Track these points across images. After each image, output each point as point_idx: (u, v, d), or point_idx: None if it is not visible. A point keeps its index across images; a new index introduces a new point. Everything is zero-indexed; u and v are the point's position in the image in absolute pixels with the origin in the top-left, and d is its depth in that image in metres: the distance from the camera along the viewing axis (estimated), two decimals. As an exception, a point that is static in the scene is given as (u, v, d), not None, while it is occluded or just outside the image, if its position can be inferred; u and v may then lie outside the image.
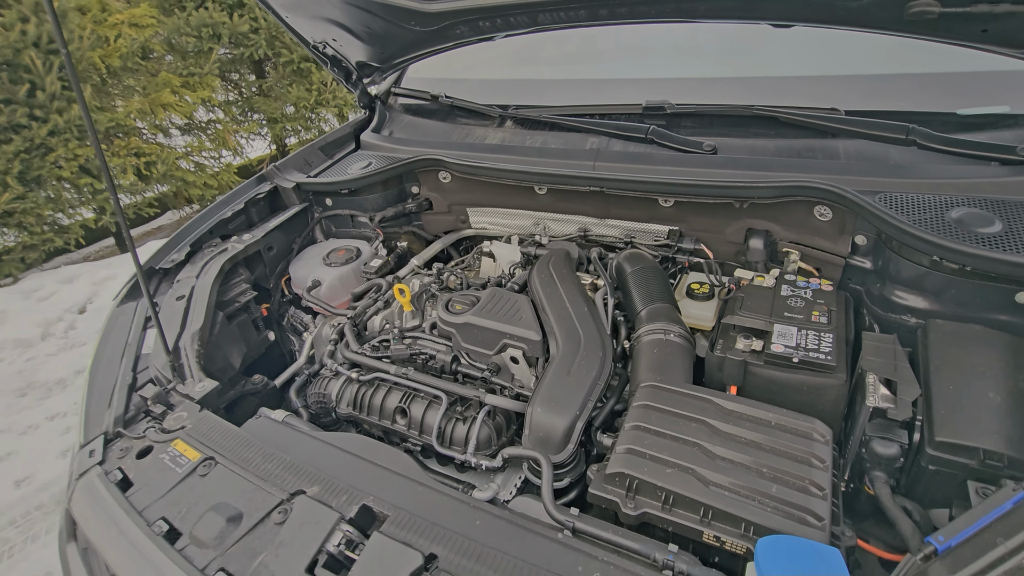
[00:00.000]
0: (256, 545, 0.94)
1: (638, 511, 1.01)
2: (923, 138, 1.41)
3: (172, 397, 1.32)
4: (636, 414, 1.13)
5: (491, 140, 1.97)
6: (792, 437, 1.04)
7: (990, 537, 0.73)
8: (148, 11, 6.55)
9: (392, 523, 0.93)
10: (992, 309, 1.17)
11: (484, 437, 1.27)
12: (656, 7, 1.44)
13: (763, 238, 1.56)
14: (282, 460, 1.08)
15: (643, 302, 1.48)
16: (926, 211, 1.27)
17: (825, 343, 1.22)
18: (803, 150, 1.54)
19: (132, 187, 6.40)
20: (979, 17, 1.15)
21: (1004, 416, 1.00)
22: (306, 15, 1.88)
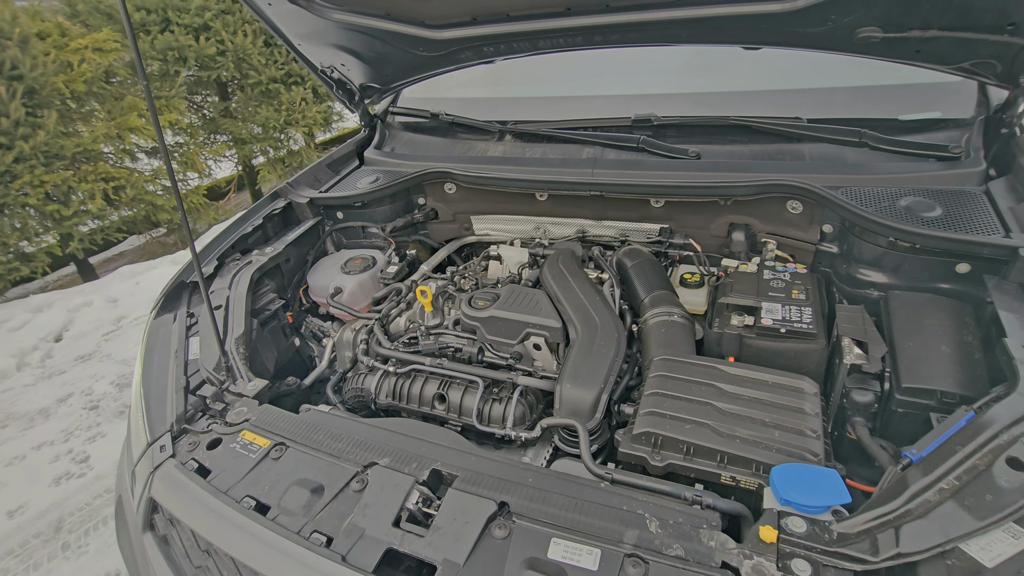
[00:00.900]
0: (342, 510, 1.06)
1: (664, 463, 1.18)
2: (873, 140, 1.66)
3: (226, 396, 1.43)
4: (653, 383, 1.31)
5: (493, 153, 2.14)
6: (787, 392, 1.24)
7: (950, 446, 0.94)
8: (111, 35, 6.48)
9: (462, 481, 1.08)
10: (938, 279, 1.41)
11: (520, 414, 1.43)
12: (644, 33, 1.66)
13: (744, 231, 1.78)
14: (350, 439, 1.21)
15: (645, 291, 1.67)
16: (880, 201, 1.51)
17: (806, 315, 1.43)
18: (774, 153, 1.77)
19: (100, 212, 6.28)
20: (913, 40, 1.41)
21: (954, 363, 1.22)
22: (318, 43, 2.03)
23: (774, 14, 1.44)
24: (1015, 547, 0.80)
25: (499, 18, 1.72)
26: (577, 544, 0.93)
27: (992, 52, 1.41)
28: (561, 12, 1.64)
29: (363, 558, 0.97)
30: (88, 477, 3.23)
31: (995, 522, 0.82)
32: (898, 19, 1.38)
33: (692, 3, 1.50)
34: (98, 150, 6.38)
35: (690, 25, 1.57)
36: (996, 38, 1.34)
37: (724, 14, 1.50)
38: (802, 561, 0.86)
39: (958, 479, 0.89)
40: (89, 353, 4.51)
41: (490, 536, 0.97)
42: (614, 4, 1.58)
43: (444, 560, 0.94)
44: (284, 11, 1.86)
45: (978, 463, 0.90)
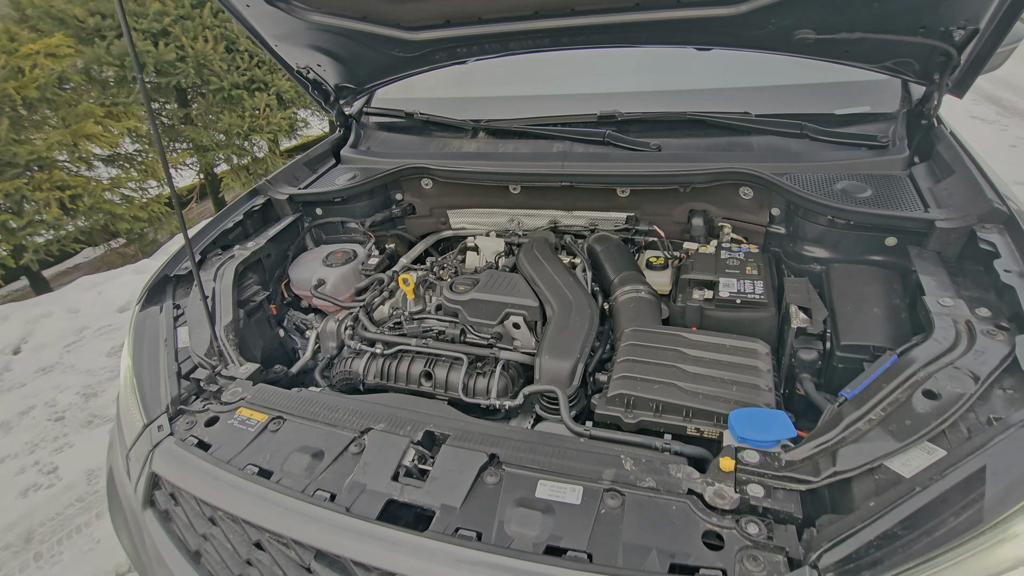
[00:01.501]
0: (343, 470, 1.14)
1: (636, 420, 1.31)
2: (813, 132, 1.84)
3: (219, 380, 1.48)
4: (625, 351, 1.44)
5: (467, 149, 2.25)
6: (742, 353, 1.38)
7: (878, 384, 1.09)
8: (64, 40, 6.32)
9: (454, 439, 1.17)
10: (871, 252, 1.59)
11: (503, 386, 1.53)
12: (606, 35, 1.80)
13: (703, 216, 1.94)
14: (345, 408, 1.29)
15: (615, 272, 1.80)
16: (820, 185, 1.69)
17: (758, 288, 1.59)
18: (726, 145, 1.94)
19: (57, 221, 6.09)
20: (842, 41, 1.59)
21: (884, 323, 1.39)
22: (295, 44, 2.10)
23: (722, 17, 1.60)
24: (928, 460, 0.95)
25: (471, 20, 1.83)
26: (561, 484, 1.04)
27: (910, 52, 1.61)
28: (530, 15, 1.77)
29: (366, 509, 1.05)
30: (57, 487, 3.16)
31: (913, 441, 0.97)
32: (828, 22, 1.56)
33: (649, 8, 1.64)
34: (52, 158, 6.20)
35: (648, 28, 1.72)
36: (911, 39, 1.53)
37: (678, 17, 1.65)
38: (756, 485, 0.99)
39: (883, 410, 1.04)
40: (51, 365, 4.38)
41: (483, 483, 1.07)
42: (578, 8, 1.71)
43: (442, 506, 1.04)
44: (262, 13, 1.93)
45: (899, 396, 1.05)
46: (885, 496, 0.91)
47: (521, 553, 0.93)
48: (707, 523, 0.95)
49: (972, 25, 1.45)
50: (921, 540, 0.84)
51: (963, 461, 0.91)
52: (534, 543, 0.95)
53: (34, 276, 6.58)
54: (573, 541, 0.95)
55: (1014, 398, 1.01)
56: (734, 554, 0.90)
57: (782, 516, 0.95)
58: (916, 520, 0.86)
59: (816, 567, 0.85)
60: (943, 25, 1.48)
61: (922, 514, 0.87)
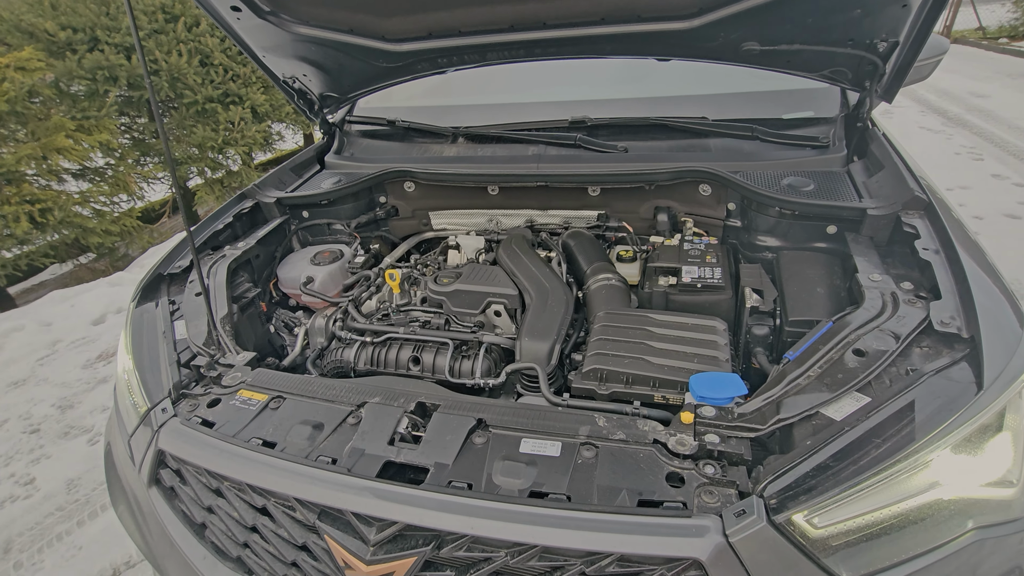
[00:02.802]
0: (342, 439, 1.24)
1: (609, 391, 1.44)
2: (763, 135, 2.03)
3: (218, 368, 1.56)
4: (598, 331, 1.58)
5: (448, 153, 2.38)
6: (702, 330, 1.53)
7: (816, 346, 1.25)
8: (35, 54, 6.27)
9: (444, 407, 1.28)
10: (815, 239, 1.77)
11: (486, 367, 1.65)
12: (575, 47, 1.96)
13: (667, 212, 2.10)
14: (343, 386, 1.39)
15: (587, 263, 1.95)
16: (770, 182, 1.87)
17: (716, 274, 1.75)
18: (687, 147, 2.12)
19: (26, 236, 6.00)
20: (783, 52, 1.79)
21: (826, 300, 1.56)
22: (283, 55, 2.21)
23: (677, 31, 1.78)
24: (856, 406, 1.10)
25: (452, 33, 1.98)
26: (543, 440, 1.16)
27: (843, 62, 1.81)
28: (505, 28, 1.93)
29: (366, 469, 1.15)
30: (35, 498, 3.14)
31: (844, 391, 1.13)
32: (771, 36, 1.75)
33: (613, 22, 1.82)
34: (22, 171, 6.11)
35: (612, 40, 1.89)
36: (842, 51, 1.73)
37: (638, 31, 1.83)
38: (712, 435, 1.13)
39: (820, 367, 1.19)
40: (23, 378, 4.32)
41: (472, 443, 1.19)
42: (550, 22, 1.87)
43: (435, 463, 1.15)
44: (252, 25, 2.04)
45: (834, 355, 1.21)
46: (819, 436, 1.06)
47: (508, 498, 1.05)
48: (670, 466, 1.08)
49: (893, 38, 1.66)
50: (848, 470, 0.99)
51: (885, 404, 1.07)
52: (519, 490, 1.07)
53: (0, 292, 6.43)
54: (554, 487, 1.07)
55: (928, 353, 1.18)
56: (693, 490, 1.04)
57: (735, 459, 1.09)
58: (844, 454, 1.02)
59: (762, 496, 0.99)
60: (868, 38, 1.68)
61: (850, 448, 1.02)
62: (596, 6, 1.75)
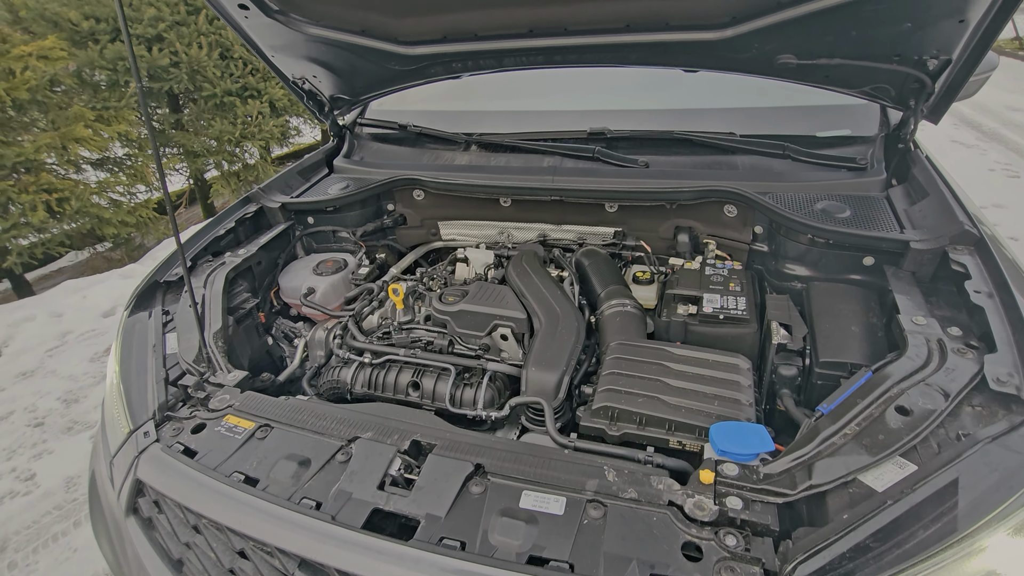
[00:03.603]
0: (329, 478, 1.15)
1: (620, 432, 1.33)
2: (795, 153, 1.90)
3: (206, 387, 1.48)
4: (610, 364, 1.47)
5: (460, 162, 2.28)
6: (724, 368, 1.42)
7: (853, 400, 1.12)
8: (57, 43, 6.30)
9: (440, 448, 1.18)
10: (849, 270, 1.64)
11: (489, 397, 1.55)
12: (598, 55, 1.85)
13: (688, 233, 1.98)
14: (334, 417, 1.29)
15: (602, 286, 1.84)
16: (801, 205, 1.74)
17: (741, 304, 1.63)
18: (712, 164, 1.99)
19: (42, 224, 6.03)
20: (822, 67, 1.65)
21: (861, 340, 1.43)
22: (292, 55, 2.12)
23: (707, 42, 1.66)
24: (900, 474, 0.98)
25: (468, 37, 1.87)
26: (545, 494, 1.06)
27: (886, 79, 1.68)
28: (524, 33, 1.82)
29: (351, 518, 1.06)
30: (35, 495, 3.11)
31: (885, 456, 1.00)
32: (809, 49, 1.62)
33: (639, 30, 1.70)
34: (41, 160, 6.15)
35: (637, 49, 1.77)
36: (887, 67, 1.59)
37: (666, 40, 1.70)
38: (735, 498, 1.01)
39: (858, 425, 1.07)
40: (31, 369, 4.32)
41: (468, 492, 1.09)
42: (571, 28, 1.76)
43: (427, 515, 1.05)
44: (260, 24, 1.95)
45: (873, 411, 1.08)
46: (858, 509, 0.94)
47: (504, 563, 0.95)
48: (687, 534, 0.97)
49: (945, 55, 1.52)
50: (892, 552, 0.87)
51: (933, 475, 0.95)
52: (517, 553, 0.97)
53: (16, 279, 6.48)
54: (556, 551, 0.97)
55: (982, 415, 1.05)
56: (712, 565, 0.92)
57: (759, 528, 0.98)
58: (888, 533, 0.89)
59: (791, 579, 0.88)
60: (917, 54, 1.54)
61: (893, 527, 0.90)
62: (621, 13, 1.63)
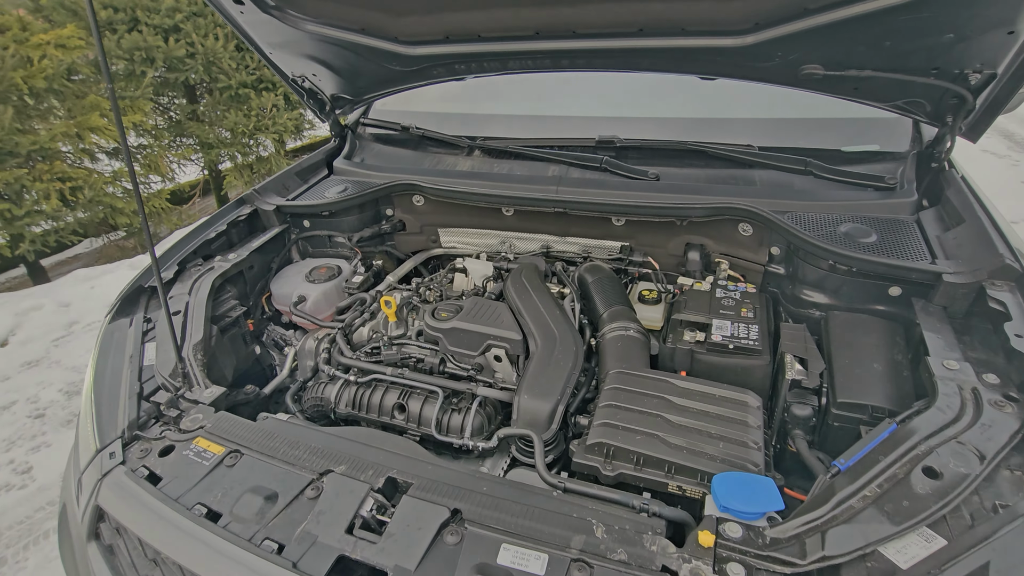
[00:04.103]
0: (296, 517, 1.07)
1: (615, 472, 1.23)
2: (818, 169, 1.77)
3: (181, 403, 1.41)
4: (608, 395, 1.36)
5: (462, 167, 2.19)
6: (732, 405, 1.30)
7: (874, 456, 1.01)
8: (75, 32, 6.31)
9: (417, 488, 1.09)
10: (873, 301, 1.51)
11: (478, 424, 1.45)
12: (608, 60, 1.74)
13: (699, 251, 1.86)
14: (306, 446, 1.21)
15: (604, 306, 1.73)
16: (822, 227, 1.61)
17: (753, 332, 1.51)
18: (727, 178, 1.87)
19: (55, 213, 6.06)
20: (851, 79, 1.52)
21: (884, 381, 1.31)
22: (291, 53, 2.04)
23: (727, 48, 1.54)
24: (927, 550, 0.86)
25: (471, 38, 1.77)
26: (526, 550, 0.96)
27: (922, 93, 1.54)
28: (530, 36, 1.71)
29: (314, 565, 0.97)
30: (30, 489, 3.09)
31: (911, 527, 0.89)
32: (837, 59, 1.49)
33: (652, 34, 1.58)
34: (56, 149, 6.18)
35: (650, 54, 1.66)
36: (924, 80, 1.46)
37: (681, 46, 1.59)
38: (737, 565, 0.91)
39: (879, 487, 0.96)
40: (37, 359, 4.32)
41: (442, 542, 0.99)
42: (580, 31, 1.65)
43: (395, 566, 0.96)
44: (256, 20, 1.87)
45: (898, 472, 0.97)
46: (877, 590, 0.83)
47: (475, 630, 0.86)
48: (680, 607, 0.87)
49: (989, 69, 1.38)
50: (915, 645, 0.76)
51: (965, 554, 0.83)
52: (490, 619, 0.87)
53: (32, 265, 6.54)
54: (533, 619, 0.87)
55: (1023, 481, 0.93)
56: (707, 647, 0.82)
57: (763, 603, 0.87)
58: (910, 621, 0.78)
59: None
60: (958, 68, 1.41)
61: (917, 614, 0.79)
62: (634, 15, 1.51)
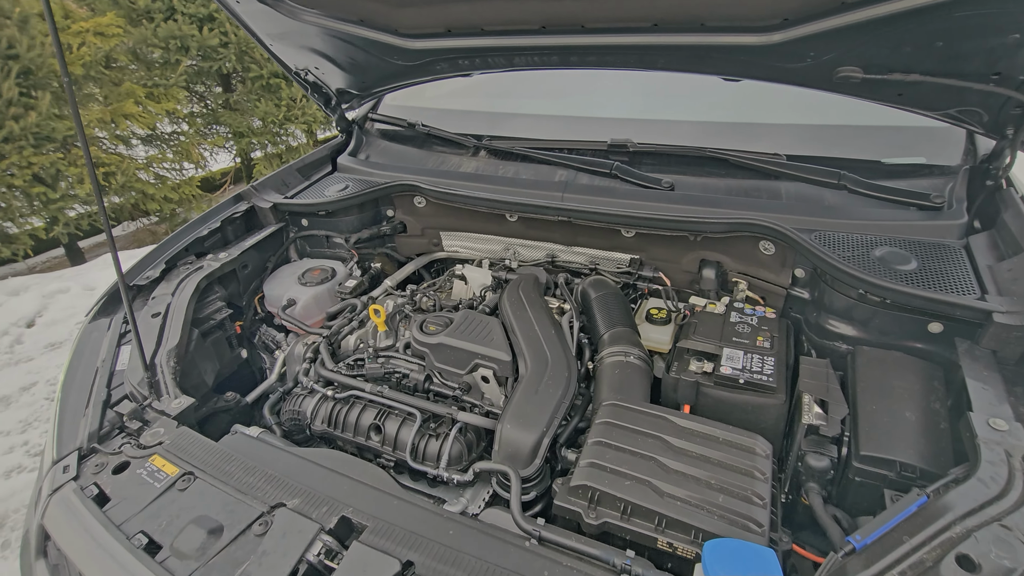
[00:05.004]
0: (238, 556, 0.98)
1: (599, 520, 1.10)
2: (852, 183, 1.58)
3: (148, 414, 1.34)
4: (598, 431, 1.23)
5: (465, 168, 2.07)
6: (737, 452, 1.15)
7: (897, 536, 0.85)
8: (114, 20, 6.44)
9: (371, 532, 0.99)
10: (909, 337, 1.33)
11: (456, 453, 1.34)
12: (620, 57, 1.59)
13: (715, 269, 1.70)
14: (262, 473, 1.12)
15: (606, 326, 1.59)
16: (854, 249, 1.43)
17: (768, 366, 1.35)
18: (750, 190, 1.70)
19: (88, 197, 6.21)
20: (895, 83, 1.34)
21: (918, 433, 1.14)
22: (291, 44, 1.96)
23: (752, 47, 1.37)
24: (955, 663, 0.71)
25: (473, 31, 1.65)
26: (480, 618, 0.84)
27: (978, 101, 1.34)
28: (536, 30, 1.57)
29: (248, 616, 0.88)
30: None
31: (937, 631, 0.74)
32: (879, 61, 1.30)
33: (668, 30, 1.43)
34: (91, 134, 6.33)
35: (667, 52, 1.50)
36: (981, 87, 1.26)
37: (701, 43, 1.43)
38: (722, 657, 0.77)
39: (902, 574, 0.80)
40: (60, 341, 4.41)
41: (388, 601, 0.89)
42: (589, 25, 1.51)
43: (333, 626, 0.86)
44: (253, 10, 1.79)
45: (925, 558, 0.81)
46: None
47: None
48: None
49: (1061, 76, 1.18)
50: None
51: None
52: None
53: (70, 247, 6.73)
54: None
55: (1081, 583, 0.76)
56: None
57: None
58: None
59: None
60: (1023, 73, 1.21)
61: None
62: (647, 9, 1.36)
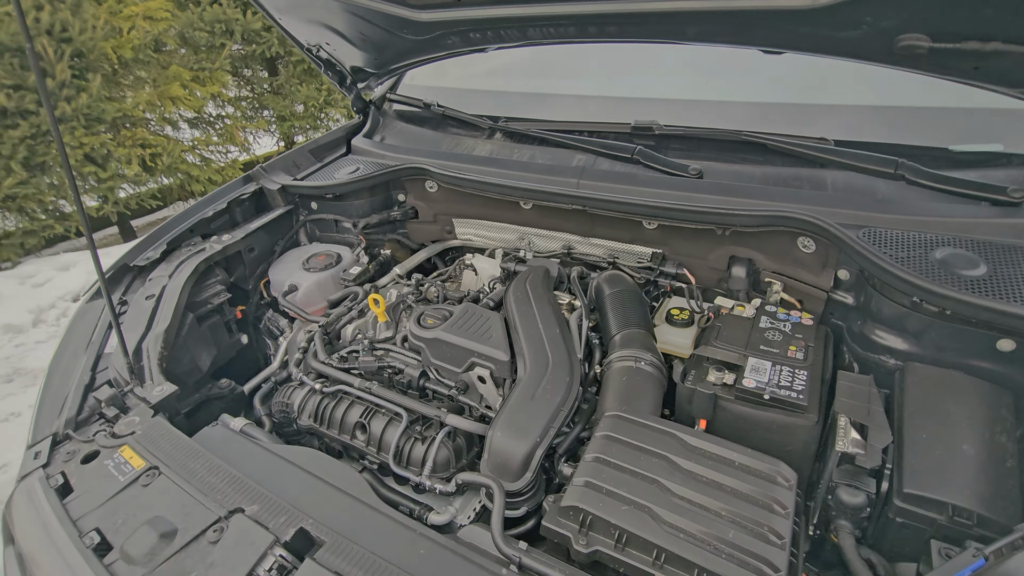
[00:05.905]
0: (187, 564, 0.90)
1: (590, 548, 0.97)
2: (912, 173, 1.37)
3: (129, 400, 1.29)
4: (597, 445, 1.10)
5: (479, 152, 1.94)
6: (755, 480, 1.00)
7: (945, 606, 0.69)
8: (163, 4, 6.59)
9: (328, 550, 0.89)
10: (972, 355, 1.13)
11: (442, 459, 1.24)
12: (645, 28, 1.42)
13: (746, 266, 1.52)
14: (227, 474, 1.04)
15: (618, 326, 1.44)
16: (910, 249, 1.23)
17: (799, 380, 1.18)
18: (790, 179, 1.50)
19: (136, 178, 6.42)
20: (970, 54, 1.12)
21: (977, 470, 0.96)
22: (300, 18, 1.87)
23: (796, 11, 1.18)
24: None
25: (482, 1, 1.51)
26: (433, 663, 0.74)
27: (1076, 75, 1.11)
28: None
29: (185, 635, 0.80)
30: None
31: None
32: (951, 26, 1.09)
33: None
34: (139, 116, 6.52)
35: (696, 20, 1.32)
36: (1081, 58, 1.04)
37: (737, 8, 1.24)
38: None
39: (947, 660, 0.64)
40: (101, 316, 4.57)
41: (335, 632, 0.79)
42: (608, -11, 1.34)
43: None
44: (259, -20, 1.71)
45: (979, 640, 0.65)
46: None
47: None
48: None
49: None
50: None
51: None
52: None
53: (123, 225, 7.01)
54: None
55: None
56: None
57: None
58: None
59: None
60: None
61: None
62: (674, -31, 1.19)
